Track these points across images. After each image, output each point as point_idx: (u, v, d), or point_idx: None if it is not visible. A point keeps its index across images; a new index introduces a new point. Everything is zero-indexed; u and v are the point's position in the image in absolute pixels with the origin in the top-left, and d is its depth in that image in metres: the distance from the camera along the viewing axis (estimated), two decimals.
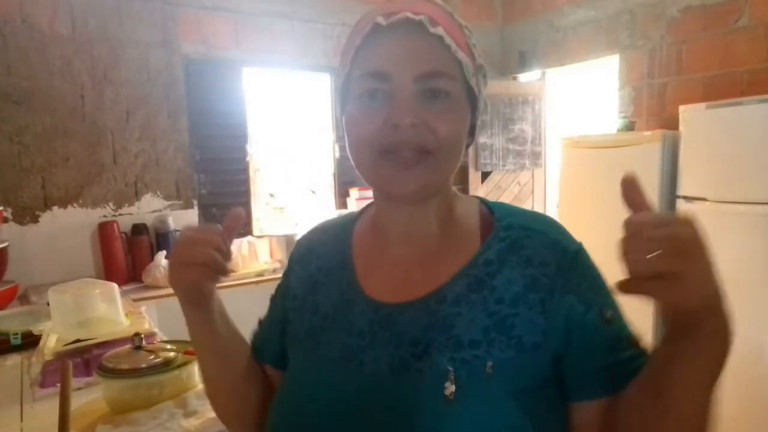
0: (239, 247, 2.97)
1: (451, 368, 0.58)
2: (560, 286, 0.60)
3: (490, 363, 0.58)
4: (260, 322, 0.81)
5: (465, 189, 3.75)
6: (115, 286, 1.64)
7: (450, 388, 0.57)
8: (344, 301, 0.68)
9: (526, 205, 3.98)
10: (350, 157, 0.66)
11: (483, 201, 0.72)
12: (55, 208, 2.63)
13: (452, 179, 0.69)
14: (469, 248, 0.66)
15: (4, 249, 2.18)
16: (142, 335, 1.22)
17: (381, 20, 0.60)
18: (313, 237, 0.80)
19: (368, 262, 0.70)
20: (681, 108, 2.43)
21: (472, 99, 0.64)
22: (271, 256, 3.16)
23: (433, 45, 0.60)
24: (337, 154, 3.48)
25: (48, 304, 1.58)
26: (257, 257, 3.06)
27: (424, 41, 0.60)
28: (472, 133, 0.67)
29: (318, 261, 0.74)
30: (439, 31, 0.59)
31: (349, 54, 0.63)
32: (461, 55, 0.61)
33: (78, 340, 1.42)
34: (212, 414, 1.08)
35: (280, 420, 0.67)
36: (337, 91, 0.67)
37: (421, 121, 0.59)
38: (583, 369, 0.60)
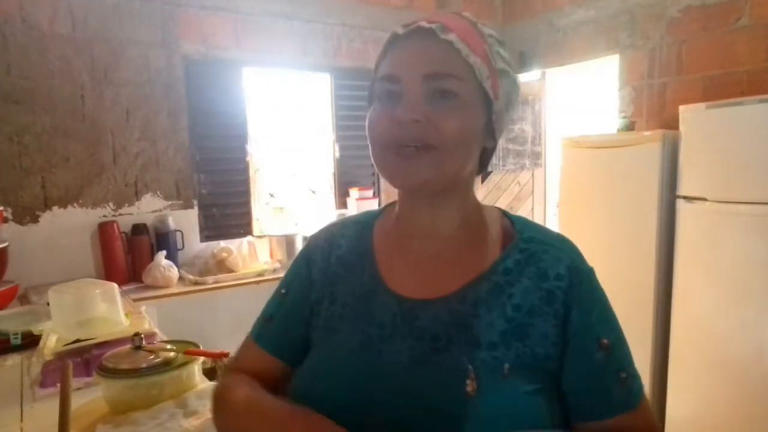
0: (239, 247, 2.97)
1: (470, 366, 0.60)
2: (572, 303, 0.64)
3: (507, 365, 0.61)
4: (269, 319, 0.78)
5: None
6: (115, 286, 1.64)
7: (471, 385, 0.59)
8: (365, 293, 0.70)
9: (527, 205, 3.99)
10: (371, 156, 0.69)
11: (504, 212, 0.75)
12: (55, 208, 2.63)
13: (473, 182, 0.72)
14: (489, 254, 0.68)
15: (4, 249, 2.18)
16: (142, 335, 1.22)
17: (399, 30, 0.66)
18: (332, 230, 0.81)
19: (390, 258, 0.72)
20: (681, 108, 2.43)
21: (488, 102, 0.66)
22: (271, 256, 3.15)
23: (443, 49, 0.63)
24: (337, 154, 3.48)
25: (48, 304, 1.57)
26: (257, 257, 3.06)
27: (433, 46, 0.64)
28: (493, 136, 0.70)
29: (338, 251, 0.76)
30: (450, 37, 0.63)
31: (376, 63, 0.70)
32: (473, 59, 0.64)
33: (78, 340, 1.42)
34: None
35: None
36: (368, 99, 0.72)
37: (425, 118, 0.62)
38: (569, 387, 0.64)
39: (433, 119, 0.62)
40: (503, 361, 0.61)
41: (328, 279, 0.74)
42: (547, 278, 0.64)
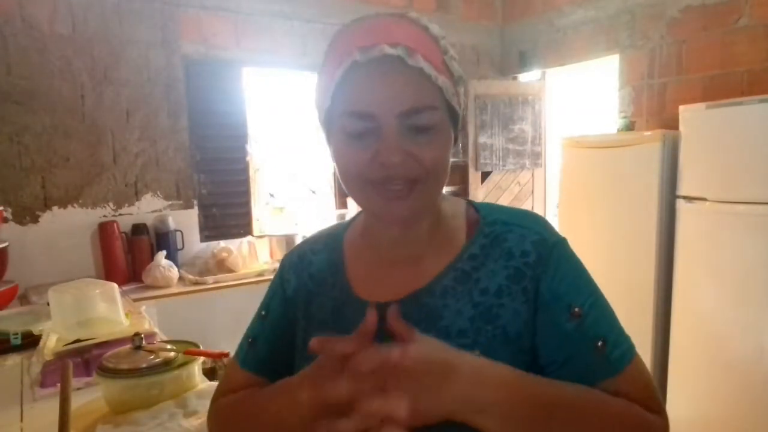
0: (239, 247, 2.97)
1: None
2: (540, 275, 0.63)
3: (478, 351, 0.61)
4: (253, 342, 0.78)
5: (465, 189, 3.75)
6: (115, 286, 1.64)
7: None
8: (338, 307, 0.70)
9: (526, 205, 3.99)
10: (341, 182, 0.67)
11: (470, 202, 0.75)
12: (55, 208, 2.63)
13: None
14: (456, 245, 0.69)
15: (4, 249, 2.18)
16: (142, 335, 1.22)
17: (358, 57, 0.59)
18: (304, 247, 0.81)
19: (360, 267, 0.73)
20: (681, 108, 2.43)
21: (454, 116, 0.66)
22: (271, 256, 3.15)
23: (413, 77, 0.59)
24: None
25: (48, 304, 1.57)
26: (257, 257, 3.06)
27: (403, 76, 0.59)
28: (456, 141, 0.69)
29: (310, 268, 0.76)
30: (419, 62, 0.59)
31: (329, 89, 0.62)
32: (441, 80, 0.61)
33: (78, 340, 1.42)
34: None
35: None
36: (320, 123, 0.68)
37: (408, 155, 0.60)
38: (545, 361, 0.63)
39: (415, 154, 0.60)
40: (473, 347, 0.61)
41: (303, 297, 0.74)
42: (513, 256, 0.65)
